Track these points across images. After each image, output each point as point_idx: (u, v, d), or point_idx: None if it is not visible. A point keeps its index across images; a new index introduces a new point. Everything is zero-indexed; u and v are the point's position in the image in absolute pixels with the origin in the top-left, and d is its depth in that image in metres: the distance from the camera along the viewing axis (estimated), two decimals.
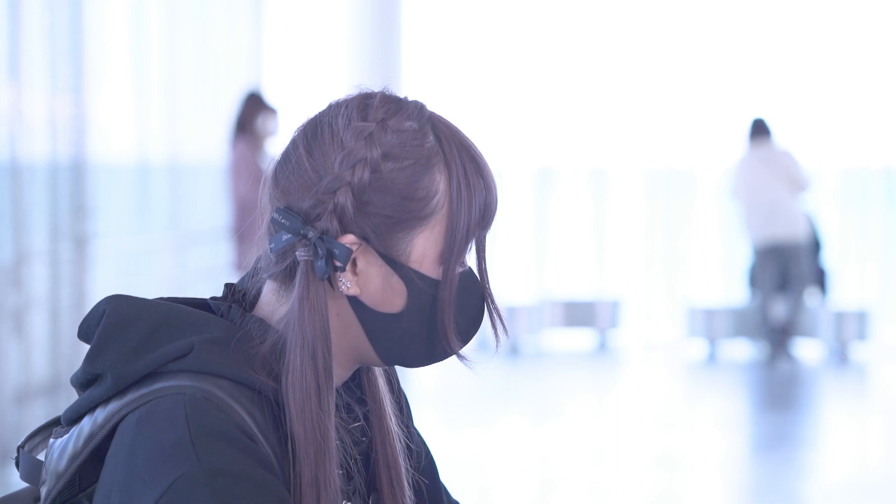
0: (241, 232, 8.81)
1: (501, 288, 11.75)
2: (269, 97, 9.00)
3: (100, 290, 8.04)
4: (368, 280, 1.63)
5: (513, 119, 12.40)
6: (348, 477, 1.69)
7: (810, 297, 11.31)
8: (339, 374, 1.69)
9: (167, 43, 9.99)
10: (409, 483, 1.76)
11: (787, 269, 10.98)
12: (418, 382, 9.49)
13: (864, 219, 12.34)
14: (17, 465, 1.69)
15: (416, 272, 1.62)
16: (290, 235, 1.61)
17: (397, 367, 1.79)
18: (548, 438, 8.16)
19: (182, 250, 9.97)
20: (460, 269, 1.65)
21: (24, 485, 1.72)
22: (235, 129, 8.85)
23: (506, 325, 1.71)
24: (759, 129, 10.87)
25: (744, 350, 11.41)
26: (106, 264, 8.81)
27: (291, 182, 1.63)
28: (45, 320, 6.67)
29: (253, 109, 8.82)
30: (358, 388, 1.75)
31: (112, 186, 9.51)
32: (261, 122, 8.81)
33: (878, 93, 12.26)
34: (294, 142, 1.65)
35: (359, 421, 1.72)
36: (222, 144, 9.34)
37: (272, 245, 1.63)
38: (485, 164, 1.66)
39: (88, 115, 6.88)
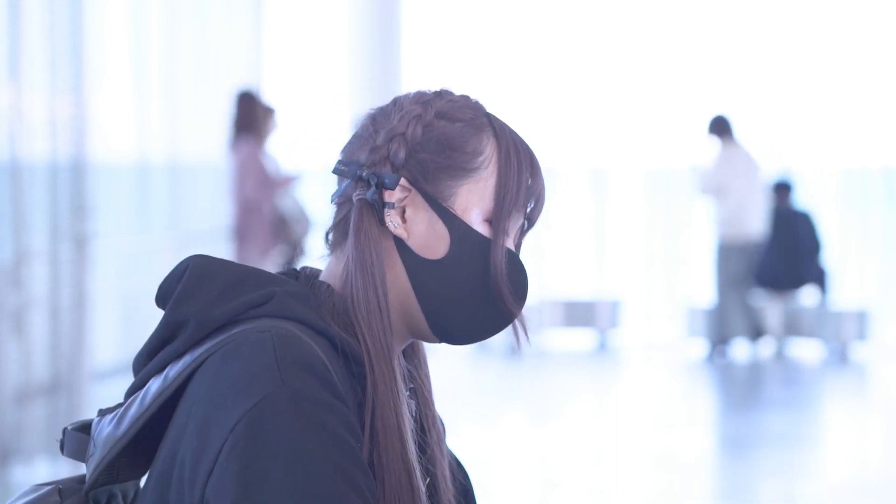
0: (243, 231, 8.80)
1: None
2: (269, 97, 9.00)
3: (100, 290, 8.04)
4: (414, 225, 1.73)
5: (512, 119, 12.38)
6: None
7: (810, 296, 11.32)
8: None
9: (167, 43, 9.99)
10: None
11: (746, 267, 11.03)
12: None
13: (864, 219, 12.34)
14: (62, 447, 1.73)
15: (459, 220, 1.73)
16: (348, 182, 1.75)
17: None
18: (548, 438, 8.16)
19: (182, 250, 9.97)
20: (508, 242, 1.75)
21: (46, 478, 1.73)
22: (237, 130, 8.84)
23: (527, 331, 1.85)
24: (726, 127, 10.93)
25: (743, 350, 11.40)
26: (106, 264, 8.81)
27: (354, 144, 1.78)
28: (45, 320, 6.66)
29: (254, 109, 8.81)
30: (411, 380, 1.82)
31: (112, 186, 9.51)
32: (266, 120, 8.81)
33: (878, 93, 12.26)
34: (363, 119, 1.80)
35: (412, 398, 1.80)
36: (222, 144, 9.33)
37: (333, 195, 1.77)
38: (533, 153, 1.80)
39: (88, 115, 6.87)
